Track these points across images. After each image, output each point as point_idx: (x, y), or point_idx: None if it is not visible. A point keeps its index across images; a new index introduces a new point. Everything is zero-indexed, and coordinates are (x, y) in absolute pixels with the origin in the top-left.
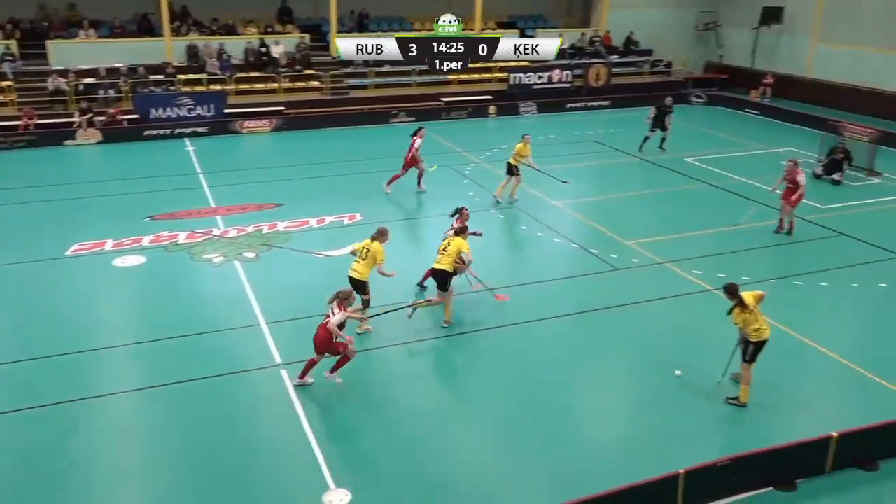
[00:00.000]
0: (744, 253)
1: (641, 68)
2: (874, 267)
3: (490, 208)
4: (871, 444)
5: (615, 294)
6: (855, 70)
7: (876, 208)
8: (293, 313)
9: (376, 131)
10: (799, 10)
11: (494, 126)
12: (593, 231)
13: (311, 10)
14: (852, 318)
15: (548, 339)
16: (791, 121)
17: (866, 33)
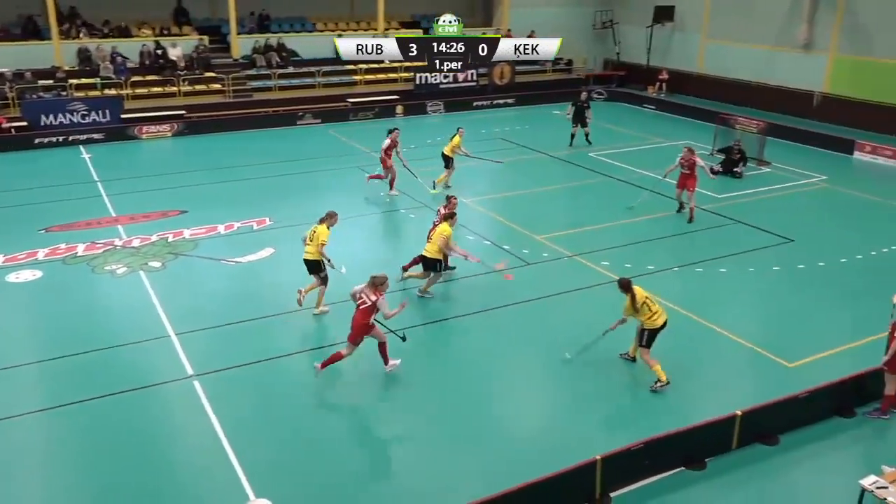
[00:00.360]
0: (648, 243)
1: (544, 66)
2: (767, 252)
3: (400, 208)
4: (771, 419)
5: (528, 288)
6: (742, 65)
7: (767, 196)
8: (203, 323)
9: (282, 133)
10: (688, 9)
11: (402, 126)
12: (505, 227)
13: (208, 11)
14: (750, 301)
15: (463, 336)
16: (686, 115)
17: (751, 30)
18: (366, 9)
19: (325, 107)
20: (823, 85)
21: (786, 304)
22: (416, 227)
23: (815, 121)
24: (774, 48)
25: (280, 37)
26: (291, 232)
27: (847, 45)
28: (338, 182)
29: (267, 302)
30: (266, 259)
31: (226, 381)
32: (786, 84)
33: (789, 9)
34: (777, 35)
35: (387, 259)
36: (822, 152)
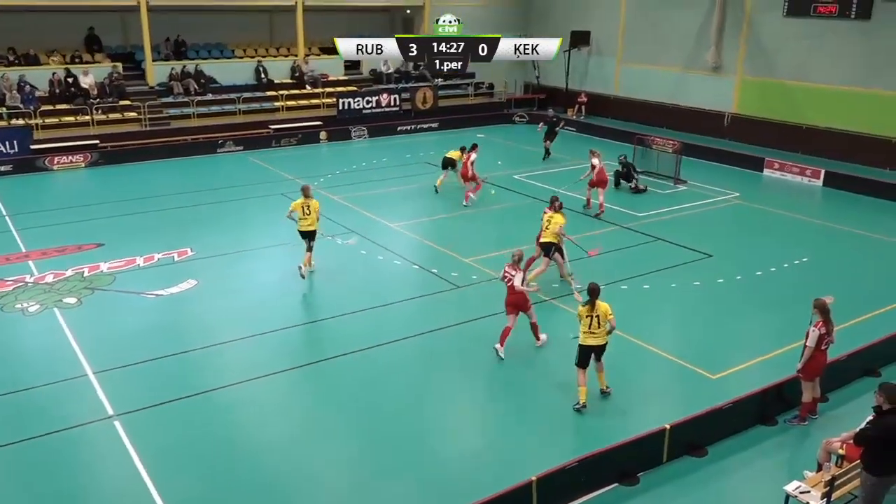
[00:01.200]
0: (574, 263)
1: (466, 91)
2: (688, 267)
3: (328, 235)
4: (699, 431)
5: (459, 311)
6: (656, 88)
7: (685, 213)
8: (123, 360)
9: (203, 162)
10: (603, 34)
11: (327, 152)
12: (432, 251)
13: (121, 38)
14: (673, 316)
15: (394, 362)
16: (605, 136)
17: (663, 54)
18: (285, 35)
19: (247, 134)
20: (733, 106)
21: (707, 318)
22: (339, 253)
23: (727, 140)
24: (686, 71)
25: (197, 63)
26: (214, 262)
27: (752, 67)
28: (262, 210)
29: (190, 335)
30: (189, 291)
31: (148, 419)
32: (698, 105)
33: (698, 33)
34: (688, 58)
35: (340, 283)
36: (735, 170)
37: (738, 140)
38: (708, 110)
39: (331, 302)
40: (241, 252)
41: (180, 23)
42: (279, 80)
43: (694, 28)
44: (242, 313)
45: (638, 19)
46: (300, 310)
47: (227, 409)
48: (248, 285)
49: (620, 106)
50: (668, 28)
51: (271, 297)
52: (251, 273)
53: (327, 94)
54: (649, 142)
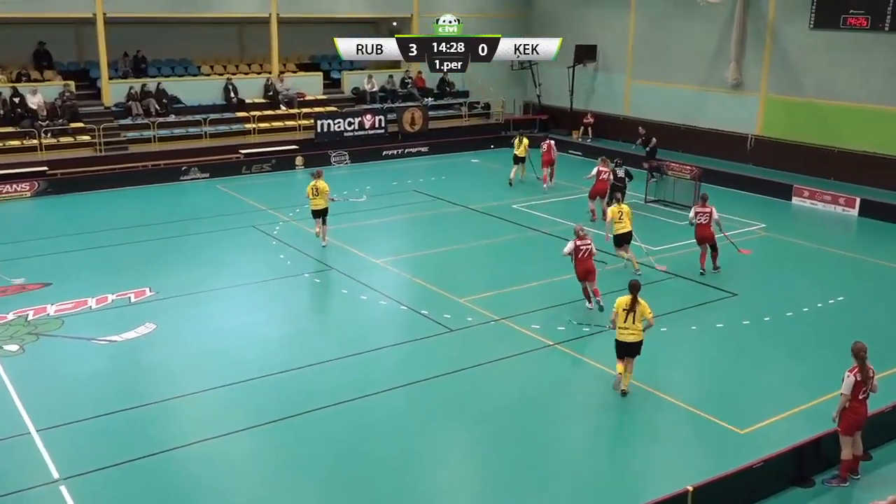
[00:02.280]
0: (578, 303)
1: (459, 111)
2: (710, 308)
3: (304, 272)
4: (726, 494)
5: (453, 358)
6: (670, 107)
7: None
8: (72, 415)
9: (164, 191)
10: (611, 48)
11: (303, 179)
12: (422, 290)
13: (74, 54)
14: (694, 363)
15: (379, 416)
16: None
17: (677, 70)
18: (257, 49)
19: (214, 160)
20: (757, 127)
21: (733, 365)
22: (316, 293)
23: (751, 165)
24: (704, 88)
25: (159, 81)
26: (176, 304)
27: (777, 84)
28: (231, 245)
29: (148, 386)
30: (147, 336)
31: (99, 483)
32: (718, 127)
33: (716, 47)
34: (705, 75)
35: (318, 327)
36: (760, 198)
37: (762, 165)
38: (729, 132)
39: (307, 348)
40: (207, 292)
41: (140, 36)
42: (250, 100)
43: (711, 41)
44: (207, 361)
45: (649, 32)
46: (272, 357)
47: (189, 472)
48: (213, 330)
49: (631, 127)
50: (683, 41)
51: (240, 343)
52: (218, 316)
53: (304, 115)
54: (664, 167)
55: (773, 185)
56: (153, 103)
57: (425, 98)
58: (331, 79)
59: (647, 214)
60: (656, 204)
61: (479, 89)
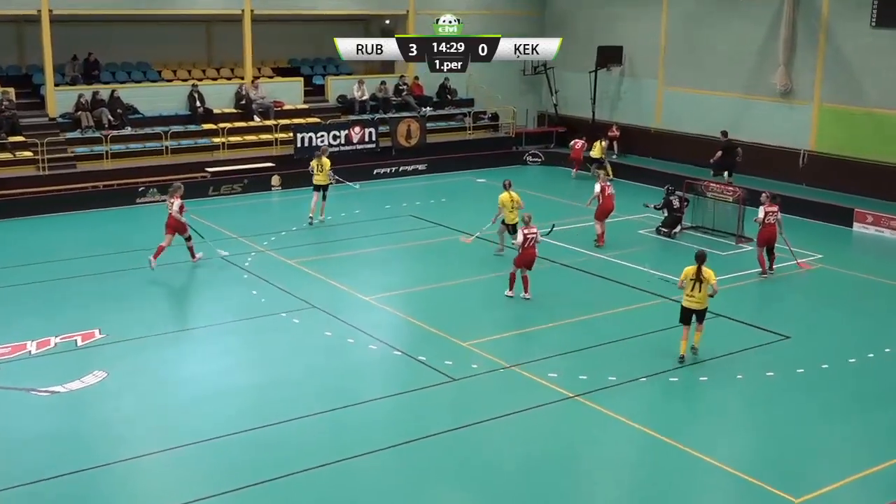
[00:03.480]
0: (606, 347)
1: (462, 123)
2: (758, 353)
3: (281, 311)
4: None
5: (456, 412)
6: (709, 118)
7: (751, 282)
8: (6, 479)
9: (118, 216)
10: (640, 50)
11: (280, 202)
12: (419, 331)
13: (14, 57)
14: (740, 418)
15: (372, 480)
16: (643, 180)
17: (717, 76)
18: (228, 52)
19: (176, 179)
20: (810, 141)
21: (785, 421)
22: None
23: (804, 186)
24: (748, 96)
25: (114, 88)
26: (130, 349)
27: (833, 92)
28: (196, 278)
29: (97, 445)
30: (96, 386)
31: None
32: (765, 141)
33: (762, 48)
34: (750, 81)
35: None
36: (815, 224)
37: (817, 185)
38: (777, 147)
39: (284, 400)
40: (167, 335)
41: (92, 37)
42: (219, 110)
43: (756, 42)
44: (167, 416)
45: (684, 31)
46: (243, 412)
47: None
48: (174, 379)
49: (662, 142)
50: (724, 42)
51: (205, 395)
52: (179, 363)
53: (282, 128)
54: (703, 188)
55: (831, 208)
56: (106, 114)
57: (423, 107)
58: (313, 85)
59: (681, 244)
60: (694, 231)
61: (485, 97)
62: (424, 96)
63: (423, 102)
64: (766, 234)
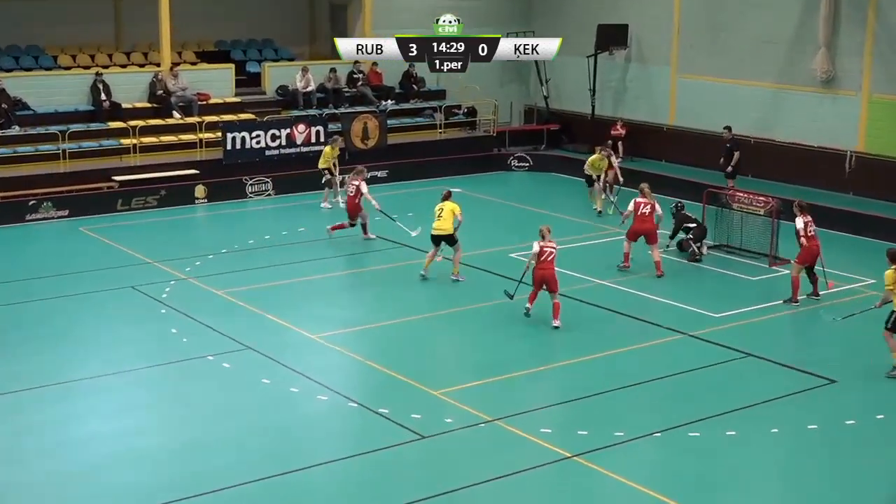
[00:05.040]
0: (612, 394)
1: (432, 119)
2: (798, 400)
3: (207, 353)
4: None
5: (426, 478)
6: (733, 113)
7: (788, 312)
8: None
9: (2, 236)
10: (649, 30)
11: (206, 219)
12: (380, 378)
13: None
14: (775, 484)
15: None
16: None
17: (744, 62)
18: (140, 32)
19: (76, 191)
20: (858, 140)
21: (832, 485)
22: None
23: (850, 195)
24: (781, 86)
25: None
26: (21, 402)
27: (885, 80)
28: (101, 313)
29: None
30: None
31: None
32: (802, 140)
33: (798, 29)
34: (783, 67)
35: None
36: (865, 242)
37: (867, 194)
38: (818, 148)
39: (208, 466)
40: (64, 385)
41: None
42: (130, 104)
43: (791, 21)
44: (63, 485)
45: (704, 7)
46: (157, 480)
47: None
48: (74, 440)
49: (677, 142)
50: (751, 21)
51: (111, 459)
52: (80, 419)
53: (207, 126)
54: (728, 198)
55: (883, 222)
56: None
57: (383, 101)
58: (246, 73)
59: (704, 267)
60: (717, 251)
61: (459, 88)
62: (384, 86)
63: (384, 94)
64: (813, 250)
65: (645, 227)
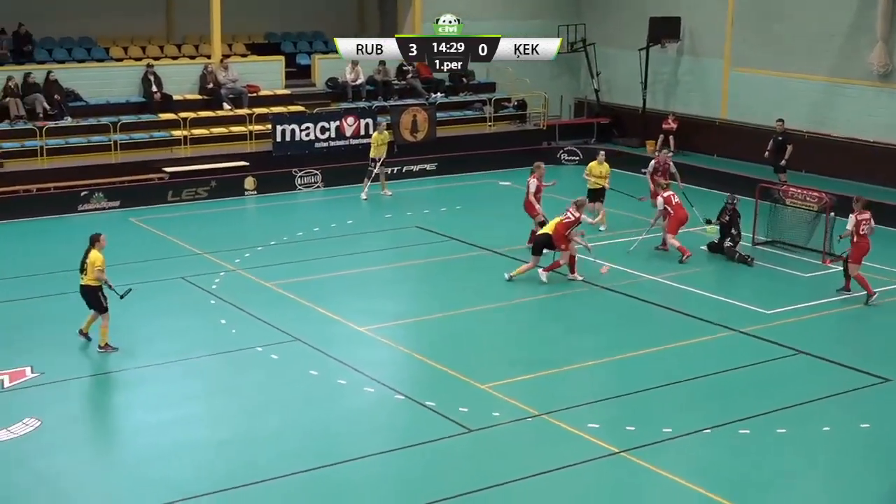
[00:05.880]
0: (660, 390)
1: (481, 112)
2: (851, 399)
3: (256, 345)
4: None
5: (473, 471)
6: (789, 107)
7: (841, 311)
8: None
9: (56, 226)
10: (702, 22)
11: (255, 210)
12: (427, 370)
13: None
14: (827, 482)
15: None
16: (706, 184)
17: (798, 54)
18: (190, 26)
19: (127, 182)
20: None
21: (881, 485)
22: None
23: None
24: (837, 80)
25: (51, 69)
26: (69, 391)
27: None
28: (150, 304)
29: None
30: (27, 437)
31: None
32: (858, 135)
33: (854, 21)
34: (839, 61)
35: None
36: None
37: None
38: (875, 143)
39: (258, 458)
40: (113, 374)
41: (23, 6)
42: (181, 96)
43: (847, 13)
44: (111, 477)
45: (756, 0)
46: (206, 473)
47: None
48: (121, 430)
49: (729, 136)
50: (806, 13)
51: (159, 451)
52: (128, 410)
53: (257, 118)
54: (781, 194)
55: None
56: (41, 100)
57: (432, 93)
58: (296, 66)
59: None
60: (767, 247)
61: (509, 81)
62: (434, 79)
63: (433, 87)
64: (865, 248)
65: (684, 213)
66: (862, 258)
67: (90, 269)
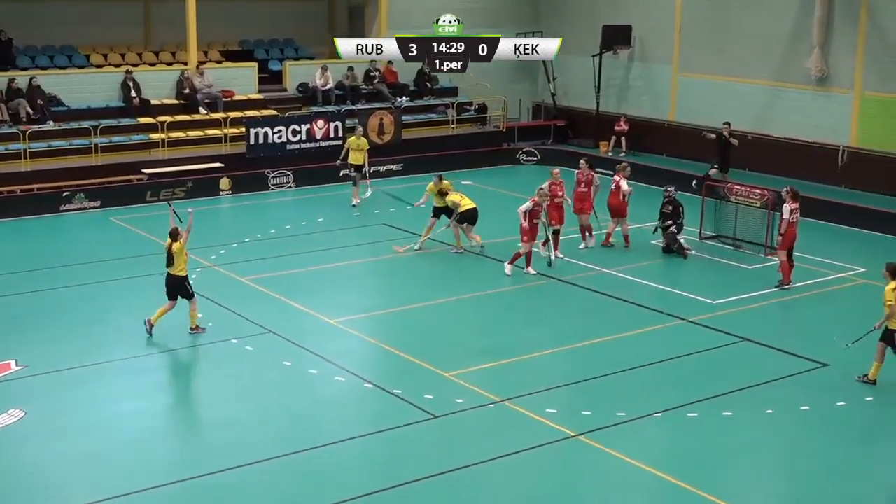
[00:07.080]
0: (614, 377)
1: (444, 115)
2: (791, 383)
3: (231, 337)
4: None
5: (438, 455)
6: (732, 110)
7: (783, 299)
8: None
9: (37, 226)
10: (652, 31)
11: (230, 209)
12: (394, 360)
13: None
14: (770, 461)
15: None
16: (655, 181)
17: (741, 61)
18: (169, 33)
19: (107, 182)
20: (850, 136)
21: (824, 464)
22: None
23: (843, 188)
24: (777, 84)
25: (33, 75)
26: (52, 383)
27: (877, 78)
28: (130, 300)
29: (12, 497)
30: (11, 427)
31: None
32: (797, 136)
33: (793, 28)
34: (780, 66)
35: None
36: (856, 233)
37: (859, 187)
38: (812, 143)
39: (233, 443)
40: (94, 367)
41: (5, 14)
42: (158, 101)
43: (786, 22)
44: (94, 463)
45: (704, 9)
46: (182, 458)
47: None
48: (102, 420)
49: (677, 137)
50: (749, 22)
51: (138, 438)
52: (108, 401)
53: (232, 122)
54: (725, 191)
55: (874, 214)
56: (24, 105)
57: (398, 97)
58: (269, 72)
59: (704, 256)
60: (713, 241)
61: (471, 86)
62: (399, 84)
63: (398, 91)
64: (793, 236)
65: (617, 202)
66: (790, 245)
67: (178, 259)
